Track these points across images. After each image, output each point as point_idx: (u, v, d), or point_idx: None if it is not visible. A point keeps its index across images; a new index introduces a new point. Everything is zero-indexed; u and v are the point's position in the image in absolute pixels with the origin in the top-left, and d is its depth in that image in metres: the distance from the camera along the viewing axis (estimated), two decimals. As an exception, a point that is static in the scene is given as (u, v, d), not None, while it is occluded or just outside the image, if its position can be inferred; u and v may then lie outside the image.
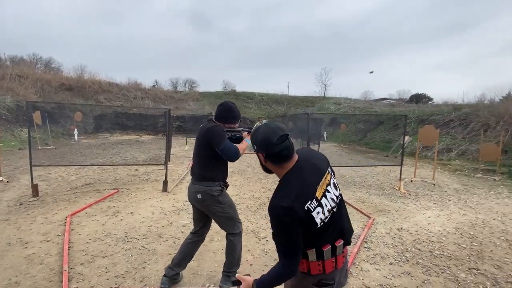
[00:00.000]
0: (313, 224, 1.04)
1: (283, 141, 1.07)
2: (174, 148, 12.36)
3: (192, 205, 2.25)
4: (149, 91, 26.60)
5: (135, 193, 5.15)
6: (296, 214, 1.01)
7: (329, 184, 1.14)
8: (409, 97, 37.59)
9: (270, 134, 1.07)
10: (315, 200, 1.05)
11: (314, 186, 1.07)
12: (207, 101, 25.91)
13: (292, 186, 1.06)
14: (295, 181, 1.07)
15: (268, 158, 1.12)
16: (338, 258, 1.12)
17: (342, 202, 1.20)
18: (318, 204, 1.05)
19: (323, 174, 1.14)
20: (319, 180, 1.10)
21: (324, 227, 1.07)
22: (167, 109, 5.18)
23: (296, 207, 1.01)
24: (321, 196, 1.08)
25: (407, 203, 5.07)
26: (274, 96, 27.88)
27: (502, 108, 10.84)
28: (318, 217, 1.05)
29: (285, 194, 1.05)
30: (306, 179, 1.08)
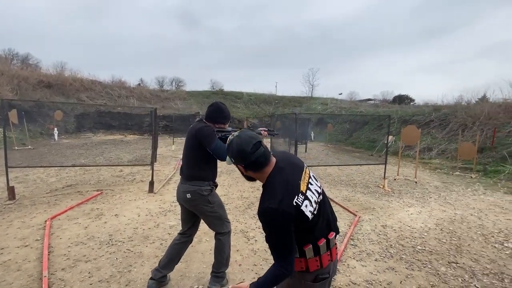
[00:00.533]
0: (304, 217, 1.07)
1: (257, 149, 1.10)
2: (161, 148, 12.13)
3: (181, 205, 2.23)
4: (134, 90, 25.94)
5: (120, 194, 5.01)
6: (285, 212, 1.03)
7: (310, 177, 1.21)
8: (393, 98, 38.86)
9: (243, 145, 1.11)
10: (301, 194, 1.09)
11: (297, 182, 1.12)
12: (195, 100, 25.61)
13: (276, 187, 1.09)
14: (278, 181, 1.10)
15: (247, 167, 1.15)
16: (332, 250, 1.18)
17: (324, 194, 1.26)
18: (304, 198, 1.09)
19: (302, 169, 1.20)
20: (300, 176, 1.15)
21: (314, 219, 1.12)
22: (153, 108, 5.07)
23: (284, 206, 1.04)
24: (305, 189, 1.13)
25: (391, 200, 5.23)
26: (262, 96, 27.94)
27: (478, 109, 11.40)
28: (307, 210, 1.08)
29: (271, 196, 1.07)
30: (289, 177, 1.12)
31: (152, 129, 5.08)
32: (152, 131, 5.00)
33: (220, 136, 2.12)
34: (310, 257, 1.12)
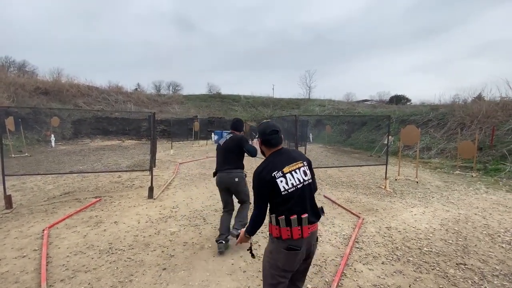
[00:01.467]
0: (276, 187, 1.50)
1: (272, 134, 1.63)
2: (159, 152, 12.04)
3: (221, 189, 3.21)
4: (131, 95, 25.86)
5: (119, 201, 4.92)
6: (264, 177, 1.52)
7: (298, 169, 1.58)
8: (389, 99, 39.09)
9: (266, 127, 1.66)
10: (280, 172, 1.52)
11: (283, 164, 1.56)
12: (192, 104, 25.56)
13: (268, 161, 1.60)
14: (271, 158, 1.61)
15: (263, 142, 1.67)
16: (304, 228, 1.50)
17: (309, 187, 1.60)
18: (282, 175, 1.52)
19: (296, 161, 1.61)
20: (289, 163, 1.58)
21: (287, 196, 1.50)
22: (151, 112, 5.01)
23: (264, 173, 1.53)
24: (287, 172, 1.54)
25: (394, 201, 5.19)
26: (259, 99, 27.96)
27: (475, 108, 11.44)
28: (281, 184, 1.50)
29: (260, 165, 1.59)
30: (280, 159, 1.59)
31: (151, 133, 5.01)
32: (150, 135, 4.93)
33: None
34: (283, 226, 1.48)
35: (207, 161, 9.87)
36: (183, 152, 12.48)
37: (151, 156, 5.08)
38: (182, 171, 7.92)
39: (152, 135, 5.07)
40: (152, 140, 5.06)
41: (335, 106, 26.70)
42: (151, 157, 5.11)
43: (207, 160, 10.10)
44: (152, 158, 5.15)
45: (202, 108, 25.01)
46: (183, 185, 6.19)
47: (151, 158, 5.09)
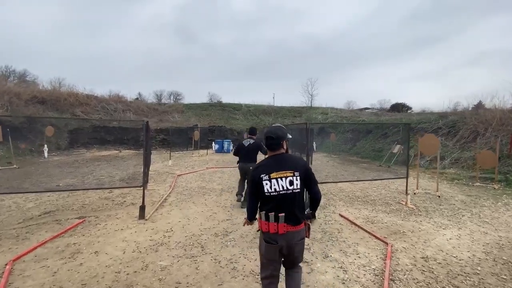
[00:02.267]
0: (262, 188, 1.79)
1: (267, 139, 1.88)
2: (157, 163, 11.42)
3: (241, 174, 5.26)
4: (131, 104, 25.45)
5: (105, 222, 4.27)
6: (253, 176, 1.85)
7: (285, 177, 1.79)
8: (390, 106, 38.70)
9: (266, 132, 1.93)
10: (268, 176, 1.80)
11: (272, 170, 1.81)
12: (193, 112, 25.10)
13: (262, 163, 1.91)
14: (266, 162, 1.90)
15: (265, 145, 1.93)
16: (279, 225, 1.76)
17: (292, 195, 1.79)
18: (268, 179, 1.79)
19: (284, 170, 1.81)
20: (278, 170, 1.81)
21: (269, 197, 1.78)
22: (145, 121, 4.43)
23: (255, 172, 1.85)
24: (274, 178, 1.79)
25: (420, 221, 4.53)
26: (261, 107, 27.52)
27: (489, 115, 10.88)
28: (266, 186, 1.79)
29: (257, 165, 1.95)
30: (272, 165, 1.85)
31: (144, 144, 4.42)
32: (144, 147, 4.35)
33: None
34: (263, 219, 1.82)
35: (206, 173, 9.23)
36: (182, 163, 11.85)
37: (144, 171, 4.46)
38: (180, 184, 7.28)
39: (145, 146, 4.47)
40: (145, 152, 4.45)
41: (338, 114, 26.20)
42: (144, 171, 4.50)
43: (207, 172, 9.47)
44: (144, 172, 4.54)
45: (202, 116, 24.54)
46: (180, 202, 5.55)
47: (143, 173, 4.47)
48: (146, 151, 4.48)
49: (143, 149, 4.37)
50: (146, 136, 4.50)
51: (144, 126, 4.37)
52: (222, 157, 14.47)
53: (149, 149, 5.89)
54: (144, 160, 4.47)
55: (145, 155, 4.45)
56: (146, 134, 4.50)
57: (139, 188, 4.63)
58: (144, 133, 4.42)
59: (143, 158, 4.43)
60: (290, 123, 24.08)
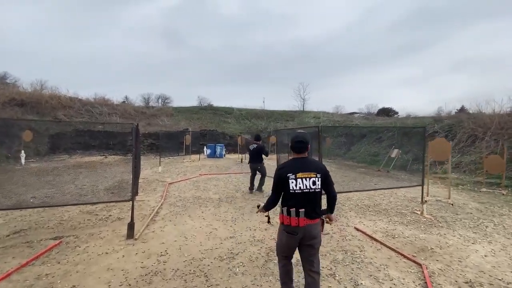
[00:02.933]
0: (287, 185, 2.04)
1: (297, 143, 2.12)
2: (146, 170, 10.66)
3: (252, 171, 6.81)
4: (117, 107, 24.36)
5: (86, 244, 3.60)
6: (281, 174, 2.07)
7: (309, 178, 2.05)
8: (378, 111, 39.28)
9: (295, 137, 2.17)
10: (294, 175, 2.03)
11: (298, 171, 2.05)
12: (183, 116, 24.29)
13: (289, 163, 2.14)
14: (292, 162, 2.13)
15: (290, 147, 2.19)
16: (300, 219, 2.02)
17: (314, 193, 2.06)
18: (294, 178, 2.03)
19: (309, 171, 2.06)
20: (304, 171, 2.05)
21: (293, 194, 2.03)
22: (134, 124, 3.81)
23: (282, 171, 2.08)
24: (299, 177, 2.03)
25: (444, 234, 4.11)
26: (253, 111, 27.05)
27: (487, 118, 10.84)
28: (291, 184, 2.03)
29: (283, 164, 2.18)
30: (297, 166, 2.08)
31: (133, 151, 3.80)
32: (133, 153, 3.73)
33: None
34: (285, 214, 2.08)
35: (200, 180, 8.59)
36: (173, 169, 11.12)
37: (133, 182, 3.83)
38: (172, 194, 6.62)
39: (135, 153, 3.84)
40: (135, 160, 3.82)
41: (330, 118, 26.12)
42: (133, 182, 3.86)
43: (200, 179, 8.82)
44: (134, 183, 3.91)
45: (193, 120, 23.77)
46: (174, 215, 4.91)
47: (133, 184, 3.84)
48: (136, 158, 3.86)
49: (132, 156, 3.74)
50: (136, 141, 3.88)
51: (133, 129, 3.76)
52: (215, 163, 13.82)
53: (139, 156, 5.25)
54: (133, 169, 3.84)
55: (135, 162, 3.82)
56: (136, 139, 3.88)
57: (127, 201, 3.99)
58: (134, 138, 3.80)
59: (132, 167, 3.80)
60: (283, 127, 23.71)
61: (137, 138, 4.03)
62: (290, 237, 2.07)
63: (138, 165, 5.25)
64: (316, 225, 2.11)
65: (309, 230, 2.05)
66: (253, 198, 6.18)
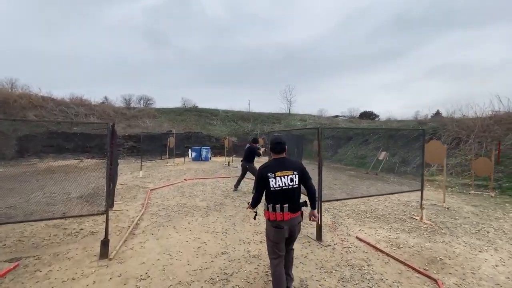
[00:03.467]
0: (268, 183, 2.26)
1: (276, 144, 2.38)
2: (125, 175, 9.91)
3: (242, 170, 7.17)
4: (95, 107, 23.02)
5: (49, 267, 3.01)
6: (261, 173, 2.29)
7: (287, 176, 2.28)
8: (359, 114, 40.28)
9: (274, 139, 2.42)
10: (273, 174, 2.26)
11: (277, 170, 2.27)
12: (166, 118, 23.38)
13: (269, 163, 2.36)
14: (272, 162, 2.35)
15: (270, 148, 2.44)
16: (284, 214, 2.23)
17: (292, 189, 2.28)
18: (274, 177, 2.25)
19: (286, 169, 2.29)
20: (282, 170, 2.28)
21: (274, 191, 2.25)
22: (110, 124, 3.28)
23: (263, 171, 2.29)
24: (279, 176, 2.26)
25: (449, 242, 3.89)
26: (239, 113, 26.59)
27: (470, 122, 11.10)
28: (271, 182, 2.25)
29: (264, 164, 2.38)
30: (277, 165, 2.32)
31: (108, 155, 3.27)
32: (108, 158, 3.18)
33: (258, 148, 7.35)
34: (270, 211, 2.28)
35: (186, 186, 8.02)
36: (155, 174, 10.42)
37: (108, 191, 3.28)
38: (154, 202, 6.04)
39: (110, 157, 3.30)
40: (110, 165, 3.28)
41: (316, 121, 26.21)
42: (108, 191, 3.32)
43: (186, 184, 8.24)
44: (109, 192, 3.36)
45: (177, 122, 22.92)
46: (157, 227, 4.38)
47: (107, 193, 3.30)
48: (111, 163, 3.31)
49: (106, 161, 3.21)
50: (111, 143, 3.34)
51: (108, 130, 3.22)
52: (200, 166, 13.22)
53: (115, 160, 4.66)
54: (108, 176, 3.29)
55: (110, 168, 3.27)
56: (112, 141, 3.34)
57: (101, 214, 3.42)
58: (109, 140, 3.26)
59: (106, 174, 3.26)
60: (269, 129, 23.43)
61: (113, 140, 3.49)
62: (278, 231, 2.27)
63: (115, 171, 4.66)
64: (298, 217, 2.35)
65: (292, 224, 2.29)
66: (244, 205, 5.74)
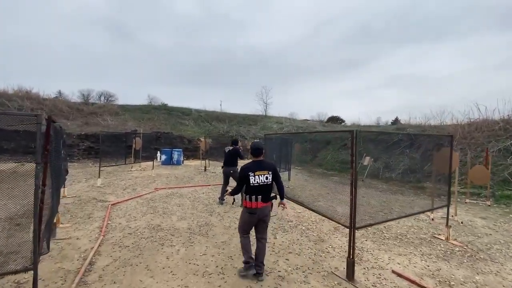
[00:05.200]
0: (248, 180, 2.85)
1: (255, 150, 3.01)
2: (79, 183, 8.08)
3: (224, 176, 6.19)
4: (44, 102, 19.85)
5: None
6: (243, 172, 2.90)
7: (263, 175, 2.90)
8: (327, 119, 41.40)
9: (254, 145, 3.04)
10: (253, 173, 2.86)
11: (256, 170, 2.89)
12: (131, 115, 21.04)
13: (250, 164, 2.95)
14: (252, 163, 2.95)
15: (250, 152, 3.05)
16: (258, 203, 2.86)
17: (266, 185, 2.92)
18: (253, 175, 2.86)
19: (263, 169, 2.92)
20: (260, 169, 2.90)
21: (253, 187, 2.85)
22: (42, 115, 1.95)
23: (245, 170, 2.90)
24: (257, 174, 2.87)
25: (498, 272, 3.20)
26: (213, 113, 25.10)
27: (450, 128, 11.23)
28: (251, 179, 2.85)
29: (246, 165, 2.96)
30: (256, 166, 2.92)
31: (36, 168, 1.91)
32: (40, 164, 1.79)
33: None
34: (247, 200, 2.90)
35: (157, 198, 6.55)
36: (117, 182, 8.69)
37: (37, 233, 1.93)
38: (116, 223, 4.60)
39: (43, 177, 1.97)
40: (41, 189, 1.94)
41: (292, 124, 25.82)
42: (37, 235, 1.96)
43: (157, 196, 6.77)
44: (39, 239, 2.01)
45: (143, 121, 20.71)
46: (120, 268, 3.04)
47: (36, 239, 1.94)
48: (44, 182, 1.97)
49: (36, 179, 1.88)
50: (46, 148, 2.00)
51: (39, 126, 1.89)
52: (173, 171, 11.65)
53: (59, 170, 3.23)
54: (37, 207, 1.94)
55: (43, 192, 1.93)
56: (46, 145, 2.00)
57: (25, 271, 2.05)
58: (40, 142, 1.93)
59: (35, 201, 1.91)
60: (246, 131, 22.39)
61: (48, 141, 2.14)
62: (251, 216, 2.92)
63: (55, 187, 3.23)
64: (268, 207, 2.99)
65: (263, 210, 2.94)
66: (236, 225, 4.59)
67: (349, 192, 2.94)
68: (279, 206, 3.08)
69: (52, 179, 3.21)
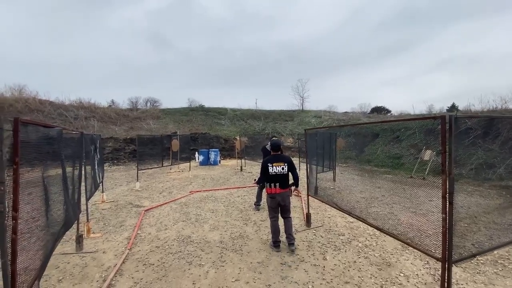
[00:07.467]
0: (267, 170, 3.59)
1: (274, 146, 3.77)
2: (120, 186, 8.21)
3: None
4: (96, 110, 21.62)
5: None
6: (264, 163, 3.66)
7: (280, 166, 3.58)
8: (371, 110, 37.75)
9: (273, 142, 3.86)
10: (271, 164, 3.59)
11: (274, 161, 3.61)
12: (171, 118, 21.75)
13: (269, 157, 3.71)
14: (271, 157, 3.70)
15: (271, 149, 3.81)
16: (277, 189, 3.54)
17: (282, 175, 3.57)
18: (271, 166, 3.58)
19: (280, 162, 3.61)
20: (277, 162, 3.60)
21: (271, 175, 3.57)
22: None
23: (264, 162, 3.68)
24: (275, 165, 3.58)
25: None
26: (248, 111, 24.72)
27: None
28: (270, 169, 3.57)
29: (266, 158, 3.77)
30: (274, 158, 3.66)
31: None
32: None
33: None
34: (268, 187, 3.60)
35: (191, 203, 6.17)
36: (155, 184, 8.66)
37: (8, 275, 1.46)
38: (146, 233, 4.24)
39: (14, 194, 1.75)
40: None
41: (332, 117, 24.11)
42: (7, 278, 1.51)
43: (191, 200, 6.40)
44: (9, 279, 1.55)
45: (182, 123, 21.26)
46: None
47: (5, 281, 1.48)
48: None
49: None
50: (14, 159, 1.54)
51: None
52: (209, 172, 11.42)
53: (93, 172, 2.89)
54: (3, 238, 1.51)
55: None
56: (14, 153, 1.53)
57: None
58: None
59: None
60: (282, 127, 21.53)
61: (17, 150, 1.68)
62: (272, 200, 3.56)
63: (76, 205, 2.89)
64: (286, 192, 3.59)
65: (282, 195, 3.54)
66: (275, 239, 3.87)
67: (440, 207, 1.99)
68: (293, 192, 4.14)
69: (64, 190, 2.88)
